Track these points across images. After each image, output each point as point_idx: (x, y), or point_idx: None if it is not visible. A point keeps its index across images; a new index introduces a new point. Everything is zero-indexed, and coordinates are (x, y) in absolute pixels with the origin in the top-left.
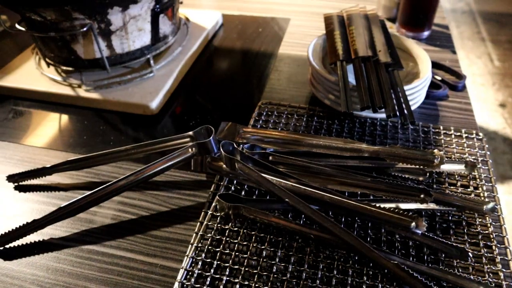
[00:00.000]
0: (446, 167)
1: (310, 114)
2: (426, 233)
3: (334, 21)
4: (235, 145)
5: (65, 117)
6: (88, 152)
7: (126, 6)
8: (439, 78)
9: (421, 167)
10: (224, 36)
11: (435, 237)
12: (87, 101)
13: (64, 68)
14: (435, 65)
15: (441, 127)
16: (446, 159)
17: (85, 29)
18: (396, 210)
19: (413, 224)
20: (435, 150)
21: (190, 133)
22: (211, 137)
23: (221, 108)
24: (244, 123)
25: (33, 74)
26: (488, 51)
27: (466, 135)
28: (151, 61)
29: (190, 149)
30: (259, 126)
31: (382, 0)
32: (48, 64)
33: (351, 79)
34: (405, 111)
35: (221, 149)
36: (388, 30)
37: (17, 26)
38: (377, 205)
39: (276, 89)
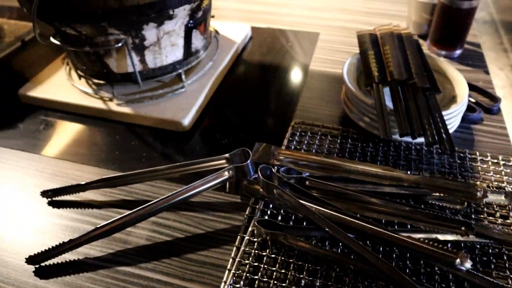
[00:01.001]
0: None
1: (344, 135)
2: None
3: (367, 40)
4: (273, 170)
5: (96, 131)
6: (119, 168)
7: (161, 22)
8: (473, 100)
9: (463, 199)
10: (254, 50)
11: (478, 274)
12: (119, 115)
13: (96, 81)
14: (469, 87)
15: (477, 153)
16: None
17: (119, 44)
18: (439, 246)
19: (458, 260)
20: (478, 183)
21: (227, 155)
22: (248, 161)
23: (253, 125)
24: (277, 142)
25: (63, 85)
26: (511, 62)
27: (504, 162)
28: (183, 76)
29: (226, 172)
30: (293, 147)
31: (413, 16)
32: (80, 76)
33: (388, 101)
34: (444, 138)
35: (259, 174)
36: (423, 51)
37: (51, 39)
38: (417, 236)
39: (308, 108)
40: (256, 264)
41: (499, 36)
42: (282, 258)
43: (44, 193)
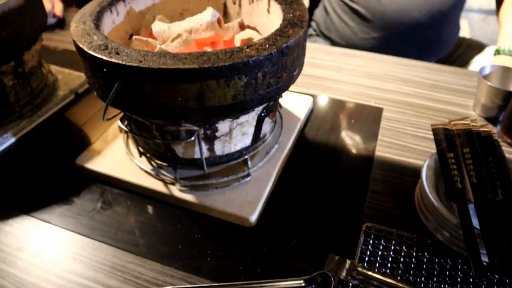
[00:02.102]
0: None
1: (420, 246)
2: None
3: (444, 138)
4: None
5: (156, 216)
6: (183, 267)
7: (237, 117)
8: None
9: None
10: (316, 126)
11: None
12: (181, 201)
13: (158, 162)
14: None
15: None
16: None
17: (192, 138)
18: None
19: None
20: None
21: (305, 277)
22: None
23: (320, 220)
24: (348, 244)
25: (122, 160)
26: None
27: None
28: (249, 162)
29: None
30: (366, 258)
31: (482, 98)
32: (140, 154)
33: (472, 216)
34: None
35: None
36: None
37: (120, 124)
38: None
39: (377, 204)
40: None
41: None
42: None
43: None
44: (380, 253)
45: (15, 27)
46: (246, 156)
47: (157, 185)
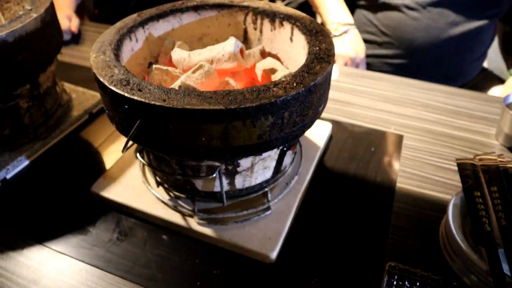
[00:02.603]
0: None
1: None
2: None
3: (471, 174)
4: None
5: (174, 248)
6: None
7: (260, 153)
8: None
9: None
10: (335, 155)
11: None
12: (199, 235)
13: (176, 193)
14: None
15: None
16: None
17: (214, 175)
18: None
19: None
20: None
21: None
22: None
23: (341, 257)
24: (370, 284)
25: (138, 189)
26: None
27: None
28: (269, 195)
29: None
30: None
31: (506, 128)
32: (158, 184)
33: (503, 261)
34: None
35: None
36: None
37: (138, 157)
38: None
39: (400, 241)
40: None
41: None
42: None
43: None
44: None
45: (32, 50)
46: (266, 189)
47: (174, 217)
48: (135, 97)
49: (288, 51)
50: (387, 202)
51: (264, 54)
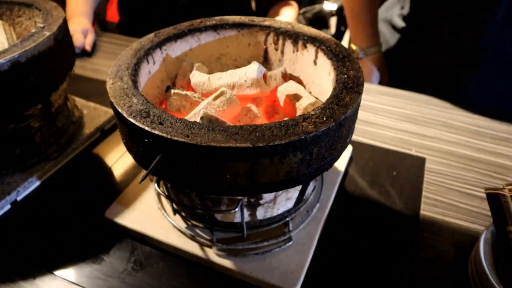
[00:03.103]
0: None
1: None
2: None
3: (501, 206)
4: None
5: (192, 280)
6: None
7: None
8: None
9: None
10: (356, 179)
11: None
12: (218, 266)
13: (194, 222)
14: None
15: None
16: None
17: (236, 209)
18: None
19: None
20: None
21: None
22: None
23: None
24: None
25: (154, 215)
26: None
27: None
28: (290, 225)
29: None
30: None
31: None
32: (175, 212)
33: None
34: None
35: None
36: None
37: (156, 188)
38: None
39: (427, 275)
40: None
41: None
42: None
43: None
44: None
45: (44, 70)
46: (287, 218)
47: (192, 247)
48: (156, 132)
49: (311, 74)
50: (411, 231)
51: (285, 77)
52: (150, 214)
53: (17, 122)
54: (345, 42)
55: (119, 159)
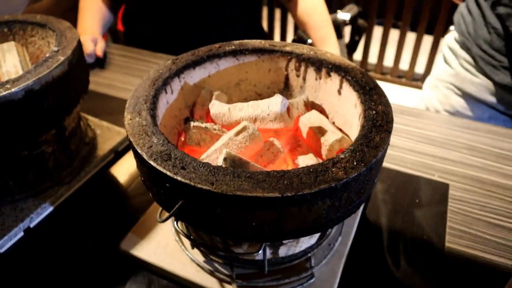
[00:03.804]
0: None
1: None
2: None
3: None
4: None
5: None
6: None
7: None
8: None
9: None
10: (378, 207)
11: None
12: None
13: (213, 257)
14: None
15: None
16: None
17: (259, 252)
18: None
19: None
20: None
21: None
22: None
23: None
24: None
25: (171, 247)
26: None
27: None
28: (312, 261)
29: None
30: None
31: None
32: (193, 245)
33: None
34: None
35: None
36: None
37: (176, 227)
38: None
39: None
40: None
41: None
42: None
43: None
44: None
45: (58, 95)
46: (309, 255)
47: (210, 283)
48: (179, 178)
49: (335, 104)
50: (437, 263)
51: (307, 106)
52: (167, 247)
53: (30, 149)
54: (359, 52)
55: (133, 183)
